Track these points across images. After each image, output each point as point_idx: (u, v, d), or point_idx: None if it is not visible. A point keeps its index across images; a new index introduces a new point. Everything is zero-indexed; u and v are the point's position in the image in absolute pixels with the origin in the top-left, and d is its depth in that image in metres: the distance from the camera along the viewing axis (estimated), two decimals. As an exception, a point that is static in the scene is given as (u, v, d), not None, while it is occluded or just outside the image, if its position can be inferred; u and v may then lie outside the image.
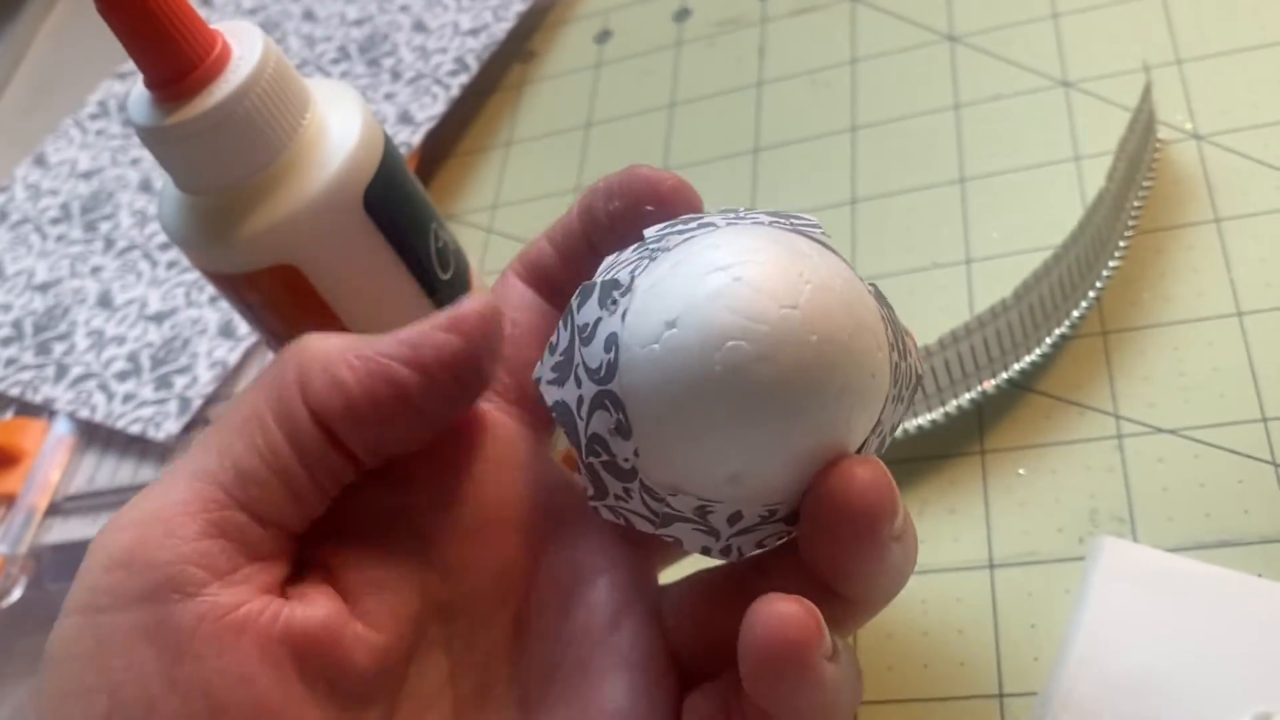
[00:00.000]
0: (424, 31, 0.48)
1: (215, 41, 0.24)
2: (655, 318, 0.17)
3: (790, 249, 0.18)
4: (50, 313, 0.45)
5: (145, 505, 0.18)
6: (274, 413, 0.19)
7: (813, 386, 0.17)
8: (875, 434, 0.18)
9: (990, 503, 0.29)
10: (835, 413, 0.17)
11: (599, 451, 0.18)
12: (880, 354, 0.18)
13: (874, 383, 0.18)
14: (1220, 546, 0.26)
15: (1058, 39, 0.37)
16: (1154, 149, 0.33)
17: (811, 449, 0.17)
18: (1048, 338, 0.30)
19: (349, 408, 0.19)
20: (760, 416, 0.17)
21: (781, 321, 0.17)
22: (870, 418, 0.18)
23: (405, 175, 0.28)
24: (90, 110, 0.54)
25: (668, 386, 0.17)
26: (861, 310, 0.18)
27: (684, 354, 0.17)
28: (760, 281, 0.17)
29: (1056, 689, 0.24)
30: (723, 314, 0.17)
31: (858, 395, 0.17)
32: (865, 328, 0.18)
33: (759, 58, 0.42)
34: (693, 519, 0.18)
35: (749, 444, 0.17)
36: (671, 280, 0.18)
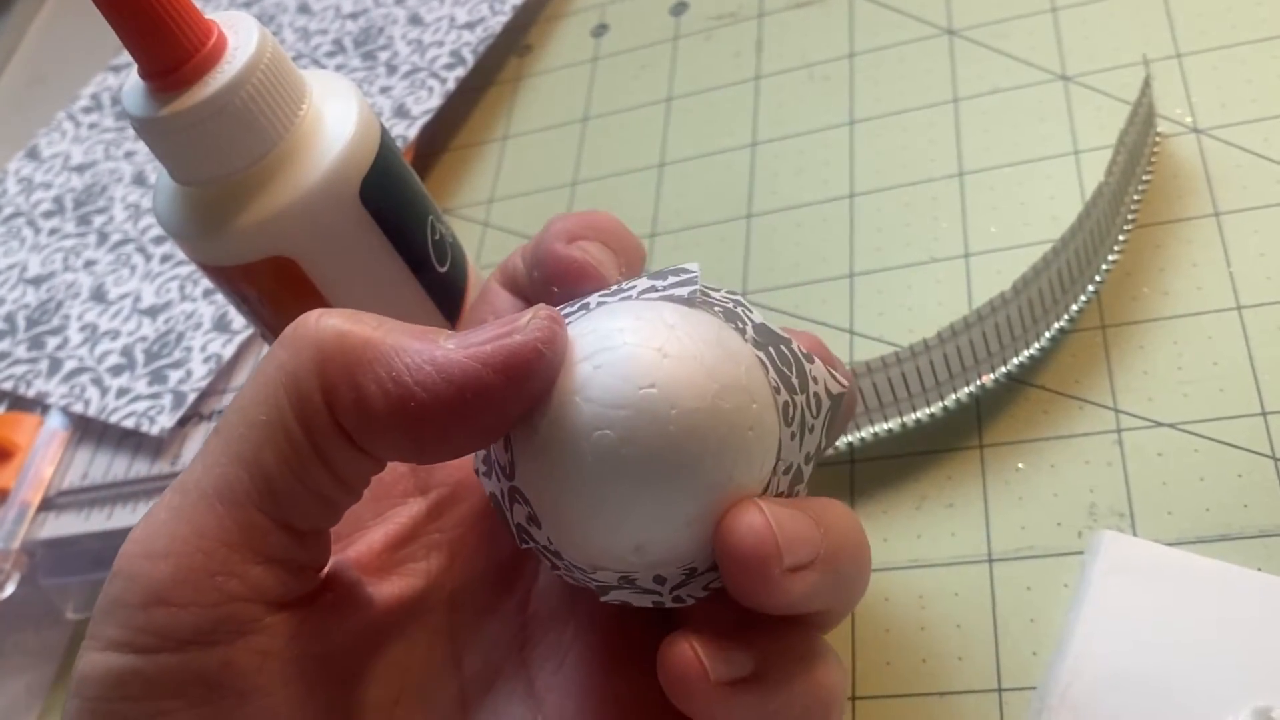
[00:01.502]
0: (420, 25, 0.48)
1: (211, 32, 0.24)
2: (535, 418, 0.18)
3: (652, 324, 0.18)
4: (43, 307, 0.44)
5: (179, 530, 0.17)
6: (298, 418, 0.17)
7: (682, 456, 0.18)
8: (778, 474, 0.19)
9: (989, 497, 0.29)
10: (715, 473, 0.18)
11: (527, 539, 0.19)
12: (756, 407, 0.18)
13: (753, 435, 0.18)
14: (1220, 540, 0.26)
15: (1057, 32, 0.37)
16: (1153, 143, 0.33)
17: (700, 508, 0.18)
18: (1047, 332, 0.30)
19: (375, 433, 0.18)
20: (641, 493, 0.18)
21: (641, 402, 0.18)
22: (760, 466, 0.19)
23: (402, 167, 0.27)
24: (83, 103, 0.53)
25: (554, 478, 0.18)
26: (728, 370, 0.18)
27: (560, 447, 0.18)
28: (617, 367, 0.18)
29: (1055, 683, 0.24)
30: (585, 406, 0.18)
31: (735, 452, 0.18)
32: (733, 387, 0.18)
33: (756, 52, 0.42)
34: (625, 586, 0.19)
35: (639, 518, 0.18)
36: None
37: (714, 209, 0.38)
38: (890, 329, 0.33)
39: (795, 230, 0.36)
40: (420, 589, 0.21)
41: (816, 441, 0.20)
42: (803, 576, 0.18)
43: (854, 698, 0.27)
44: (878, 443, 0.30)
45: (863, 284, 0.34)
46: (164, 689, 0.17)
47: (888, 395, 0.29)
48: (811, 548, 0.18)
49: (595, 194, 0.40)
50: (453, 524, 0.21)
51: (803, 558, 0.18)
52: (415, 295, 0.27)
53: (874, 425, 0.30)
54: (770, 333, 0.20)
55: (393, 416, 0.17)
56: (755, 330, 0.19)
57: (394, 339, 0.18)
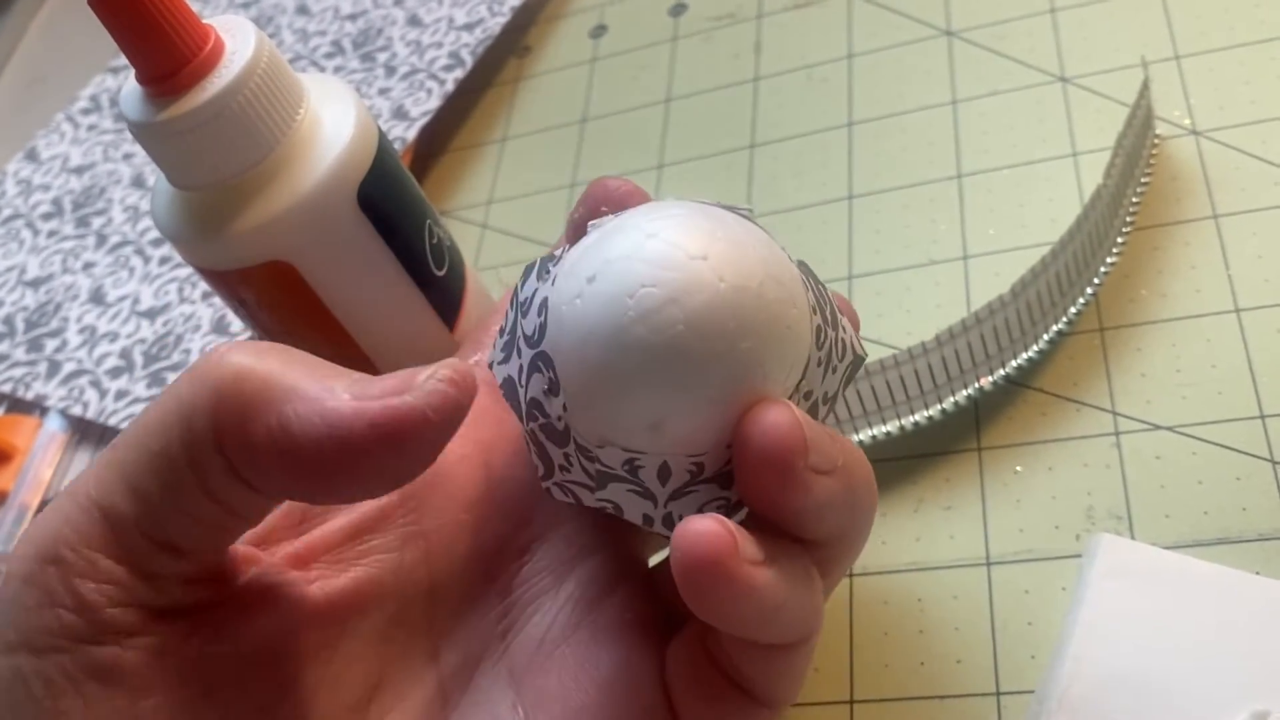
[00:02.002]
0: (418, 26, 0.48)
1: (208, 36, 0.24)
2: (579, 276, 0.19)
3: (709, 215, 0.19)
4: (42, 309, 0.44)
5: (62, 536, 0.17)
6: (188, 458, 0.17)
7: (721, 330, 0.18)
8: (800, 394, 0.19)
9: (987, 500, 0.29)
10: (747, 358, 0.18)
11: (536, 415, 0.19)
12: (795, 310, 0.19)
13: (789, 334, 0.18)
14: (1218, 544, 0.26)
15: (1056, 34, 0.37)
16: (1152, 145, 0.33)
17: (726, 394, 0.18)
18: (1045, 334, 0.30)
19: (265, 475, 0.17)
20: (672, 360, 0.18)
21: (690, 267, 0.18)
22: (787, 371, 0.19)
23: (400, 171, 0.27)
24: (82, 105, 0.53)
25: (588, 338, 0.18)
26: (777, 268, 0.19)
27: (601, 304, 0.18)
28: (673, 236, 0.18)
29: (1053, 687, 0.24)
30: (636, 265, 0.18)
31: (770, 343, 0.18)
32: (778, 282, 0.18)
33: (755, 53, 0.42)
34: (626, 477, 0.19)
35: (664, 388, 0.18)
36: (596, 245, 0.19)
37: (712, 211, 0.38)
38: (888, 331, 0.33)
39: (793, 232, 0.36)
40: (387, 581, 0.20)
41: (835, 387, 0.20)
42: (823, 481, 0.18)
43: (852, 701, 0.27)
44: (876, 445, 0.30)
45: (861, 286, 0.34)
46: (61, 688, 0.17)
47: (885, 398, 0.29)
48: (832, 457, 0.18)
49: (594, 196, 0.40)
50: (432, 513, 0.21)
51: (825, 462, 0.18)
52: (413, 299, 0.27)
53: (872, 428, 0.30)
54: (810, 271, 0.20)
55: (278, 464, 0.17)
56: (799, 261, 0.20)
57: (291, 382, 0.17)
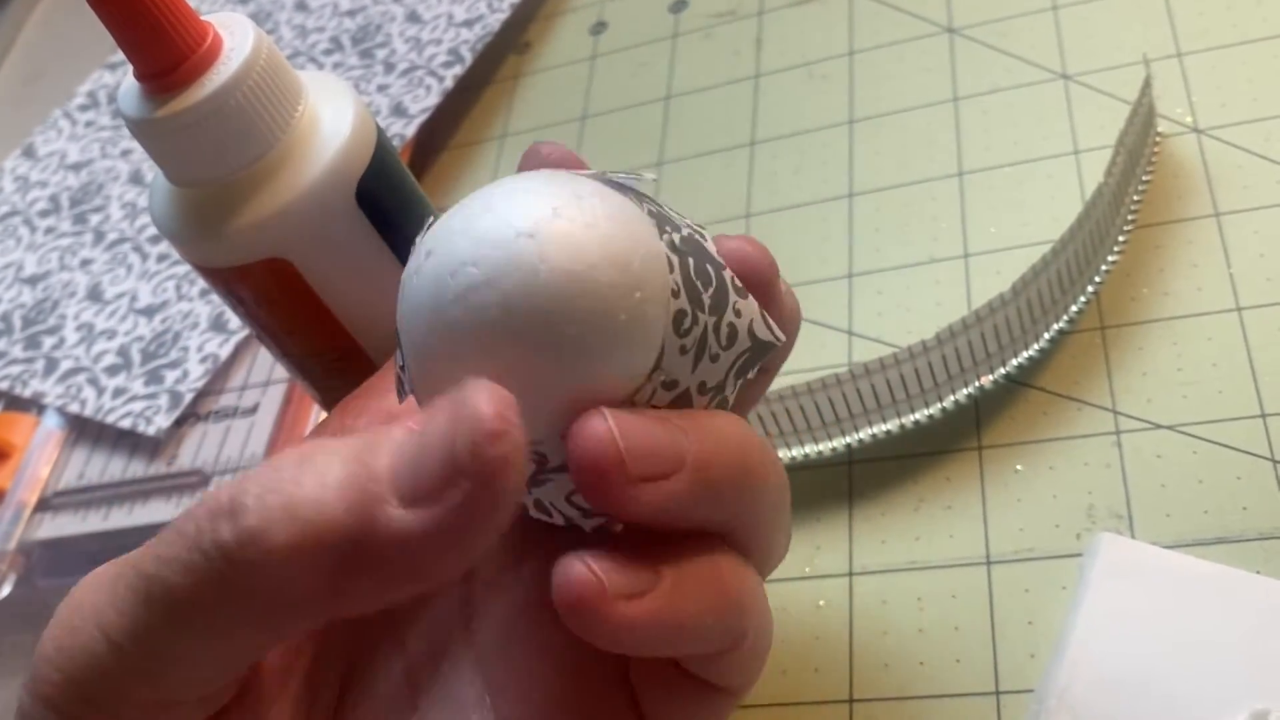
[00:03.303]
0: (418, 22, 0.47)
1: (206, 33, 0.24)
2: (422, 249, 0.18)
3: (564, 187, 0.18)
4: (39, 306, 0.44)
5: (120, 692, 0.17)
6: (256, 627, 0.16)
7: (538, 315, 0.17)
8: (656, 384, 0.18)
9: (987, 499, 0.28)
10: (571, 346, 0.17)
11: (400, 389, 0.19)
12: (639, 295, 0.17)
13: (624, 323, 0.17)
14: (1218, 543, 0.26)
15: (1057, 31, 0.37)
16: (1153, 143, 0.33)
17: (553, 385, 0.17)
18: (1046, 333, 0.30)
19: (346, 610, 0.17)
20: (487, 345, 0.17)
21: (514, 246, 0.17)
22: (628, 362, 0.17)
23: (399, 168, 0.27)
24: (80, 101, 0.53)
25: (418, 313, 0.17)
26: (620, 248, 0.17)
27: (430, 280, 0.17)
28: (506, 211, 0.17)
29: (1053, 686, 0.24)
30: (463, 240, 0.17)
31: (599, 332, 0.17)
32: (619, 265, 0.17)
33: (756, 50, 0.42)
34: None
35: (486, 370, 0.17)
36: (446, 216, 0.18)
37: (712, 208, 0.38)
38: (889, 329, 0.33)
39: (794, 230, 0.36)
40: None
41: (720, 375, 0.19)
42: (661, 486, 0.17)
43: (851, 700, 0.27)
44: (876, 444, 0.30)
45: (861, 284, 0.34)
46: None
47: (886, 396, 0.29)
48: (667, 459, 0.17)
49: (593, 193, 0.40)
50: None
51: (655, 468, 0.17)
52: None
53: (872, 426, 0.30)
54: (702, 251, 0.19)
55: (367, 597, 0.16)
56: (682, 241, 0.18)
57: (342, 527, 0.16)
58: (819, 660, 0.27)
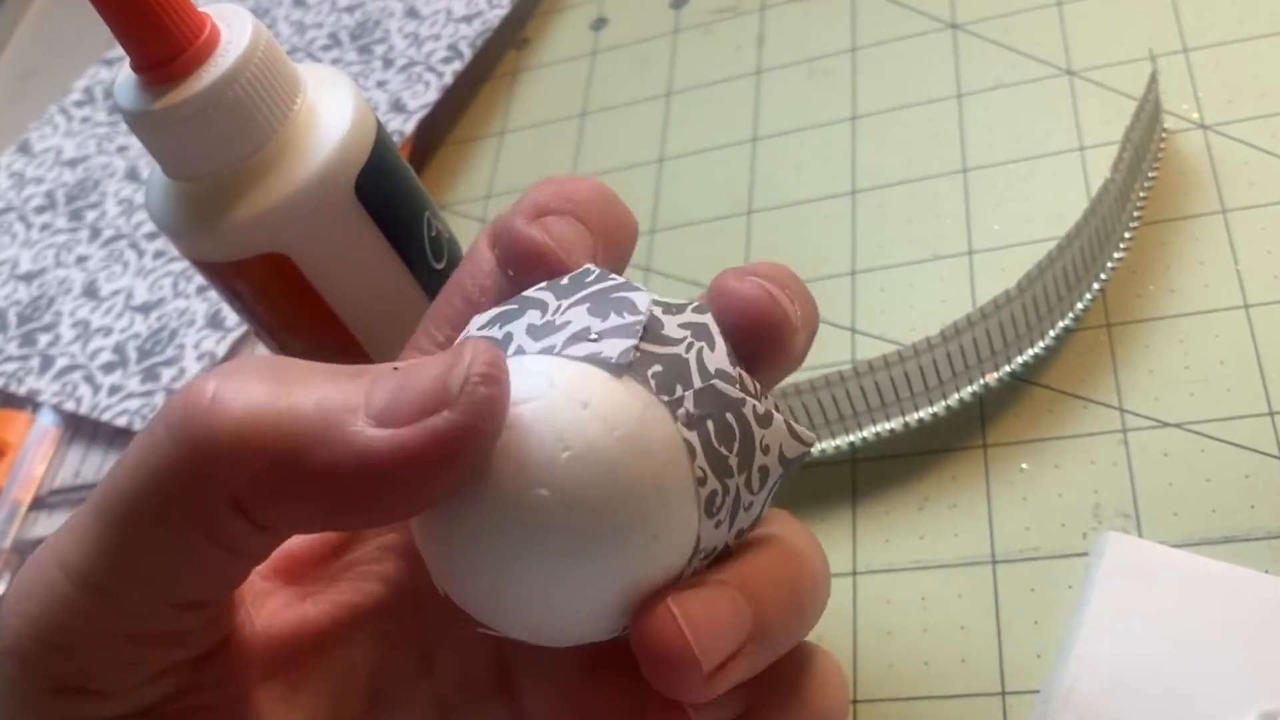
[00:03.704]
0: (416, 18, 0.47)
1: (204, 24, 0.24)
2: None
3: (564, 400, 0.16)
4: (35, 303, 0.44)
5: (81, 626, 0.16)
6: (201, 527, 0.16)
7: (562, 557, 0.16)
8: (700, 558, 0.18)
9: (992, 497, 0.28)
10: (602, 577, 0.17)
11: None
12: (667, 509, 0.16)
13: (656, 544, 0.17)
14: (1226, 542, 0.26)
15: (1062, 26, 0.37)
16: (1160, 139, 0.32)
17: (596, 604, 0.17)
18: (1051, 330, 0.30)
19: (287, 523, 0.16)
20: (538, 539, 0.16)
21: (536, 504, 0.16)
22: (664, 566, 0.17)
23: (398, 162, 0.27)
24: (76, 97, 0.53)
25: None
26: (637, 470, 0.16)
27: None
28: (539, 420, 0.16)
29: (1059, 686, 0.24)
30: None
31: (631, 559, 0.17)
32: (638, 494, 0.16)
33: (758, 45, 0.42)
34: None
35: (522, 603, 0.17)
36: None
37: (714, 205, 0.38)
38: (892, 327, 0.32)
39: (796, 227, 0.36)
40: (376, 593, 0.20)
41: (756, 514, 0.18)
42: (730, 670, 0.17)
43: (856, 701, 0.26)
44: (880, 442, 0.30)
45: (864, 281, 0.34)
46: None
47: (890, 394, 0.29)
48: (736, 634, 0.17)
49: (594, 189, 0.40)
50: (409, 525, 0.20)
51: (726, 651, 0.17)
52: (411, 292, 0.27)
53: (876, 425, 0.29)
54: (719, 396, 0.17)
55: (310, 511, 0.16)
56: (696, 398, 0.17)
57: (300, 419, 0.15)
58: (823, 660, 0.27)
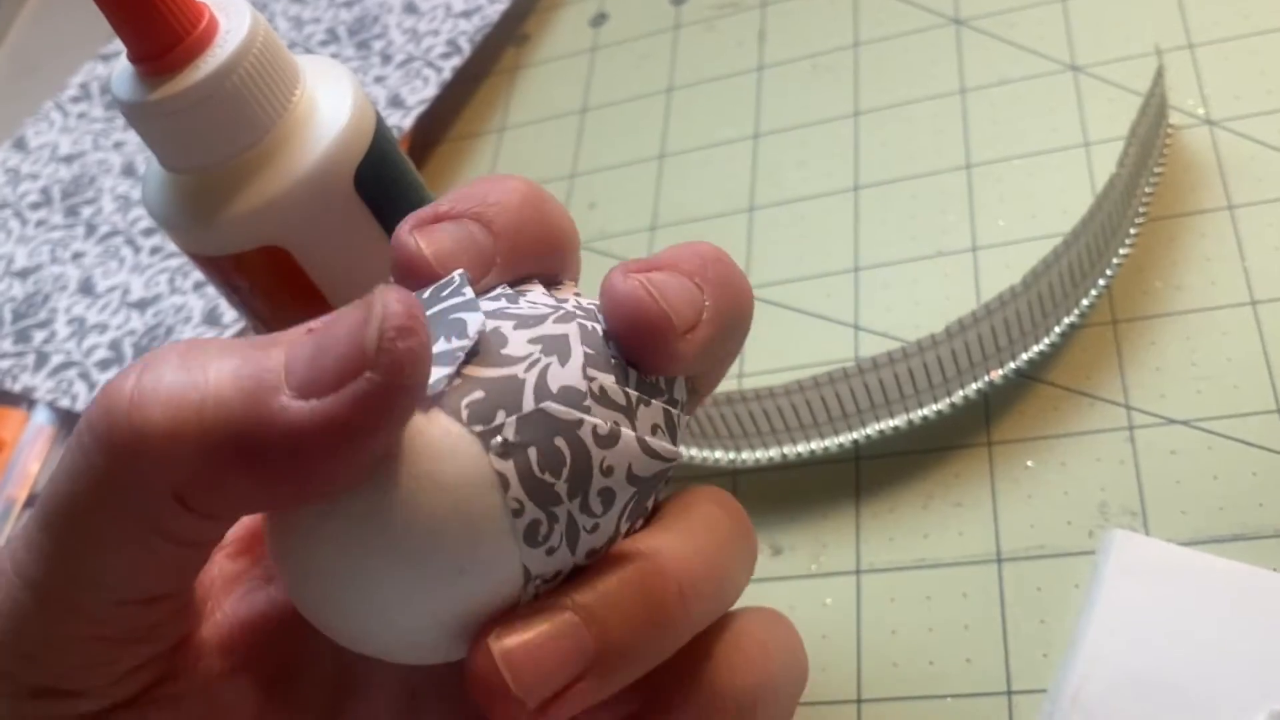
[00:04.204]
0: (415, 13, 0.47)
1: (202, 14, 0.23)
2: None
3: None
4: (30, 300, 0.44)
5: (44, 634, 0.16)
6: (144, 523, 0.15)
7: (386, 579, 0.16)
8: (532, 588, 0.16)
9: (997, 495, 0.28)
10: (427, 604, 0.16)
11: None
12: (471, 544, 0.16)
13: (464, 578, 0.16)
14: (1234, 540, 0.25)
15: (1066, 22, 0.37)
16: (1166, 134, 0.32)
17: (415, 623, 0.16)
18: (1057, 327, 0.30)
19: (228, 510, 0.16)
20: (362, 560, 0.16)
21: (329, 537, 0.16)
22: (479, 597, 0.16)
23: (398, 155, 0.27)
24: (71, 93, 0.53)
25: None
26: (437, 502, 0.16)
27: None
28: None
29: (1066, 686, 0.24)
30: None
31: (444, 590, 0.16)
32: (434, 528, 0.16)
33: (759, 41, 0.42)
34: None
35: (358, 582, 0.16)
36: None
37: (716, 202, 0.37)
38: (896, 324, 0.32)
39: (799, 223, 0.36)
40: None
41: (611, 533, 0.17)
42: (569, 698, 0.16)
43: (860, 700, 0.26)
44: (884, 440, 0.29)
45: (868, 278, 0.33)
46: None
47: (894, 392, 0.29)
48: (569, 663, 0.16)
49: (594, 186, 0.40)
50: None
51: (555, 683, 0.16)
52: (411, 287, 0.27)
53: (880, 422, 0.29)
54: (547, 420, 0.16)
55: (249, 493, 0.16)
56: (519, 425, 0.16)
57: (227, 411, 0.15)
58: (826, 659, 0.27)
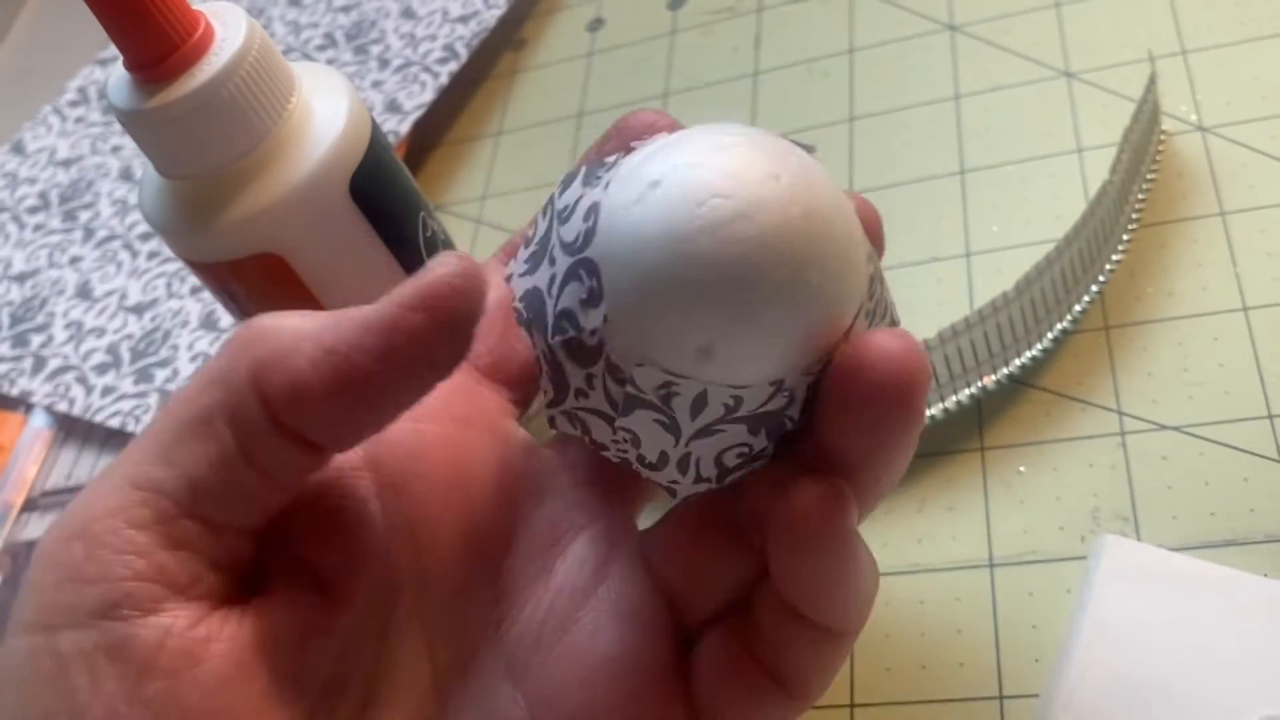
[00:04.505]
0: (412, 18, 0.47)
1: (198, 23, 0.23)
2: (639, 181, 0.17)
3: (778, 140, 0.18)
4: (28, 304, 0.44)
5: (92, 512, 0.18)
6: (227, 416, 0.18)
7: (792, 255, 0.17)
8: (860, 320, 0.18)
9: (990, 500, 0.28)
10: (811, 292, 0.17)
11: (565, 328, 0.18)
12: (858, 251, 0.18)
13: (852, 274, 0.17)
14: (1225, 546, 0.25)
15: (1060, 28, 0.37)
16: (1158, 141, 0.32)
17: (784, 326, 0.17)
18: (1049, 332, 0.30)
19: (313, 410, 0.18)
20: (736, 280, 0.17)
21: (764, 185, 0.17)
22: (843, 313, 0.18)
23: (393, 162, 0.27)
24: (70, 97, 0.53)
25: (645, 244, 0.17)
26: (844, 204, 0.18)
27: (664, 209, 0.17)
28: (747, 152, 0.17)
29: (1058, 691, 0.24)
30: (707, 173, 0.17)
31: (834, 280, 0.17)
32: (845, 218, 0.18)
33: (755, 47, 0.42)
34: (655, 404, 0.18)
35: (723, 309, 0.17)
36: (661, 151, 0.18)
37: (711, 206, 0.38)
38: (890, 329, 0.32)
39: (793, 228, 0.36)
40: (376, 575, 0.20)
41: (886, 305, 0.20)
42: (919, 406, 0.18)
43: (853, 705, 0.26)
44: (878, 445, 0.29)
45: (862, 283, 0.34)
46: (73, 665, 0.17)
47: (888, 396, 0.29)
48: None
49: (590, 191, 0.40)
50: (413, 500, 0.20)
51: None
52: (407, 293, 0.27)
53: (874, 427, 0.29)
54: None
55: (328, 385, 0.17)
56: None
57: (323, 318, 0.18)
58: (820, 664, 0.27)
